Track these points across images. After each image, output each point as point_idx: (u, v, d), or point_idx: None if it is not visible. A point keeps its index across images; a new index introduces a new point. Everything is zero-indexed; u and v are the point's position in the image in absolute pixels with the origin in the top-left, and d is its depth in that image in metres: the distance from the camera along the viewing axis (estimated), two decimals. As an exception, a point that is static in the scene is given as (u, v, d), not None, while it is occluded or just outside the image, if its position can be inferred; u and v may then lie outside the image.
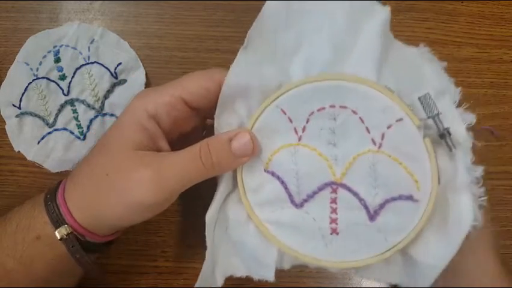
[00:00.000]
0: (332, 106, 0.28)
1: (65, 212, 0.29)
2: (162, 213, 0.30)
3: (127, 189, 0.28)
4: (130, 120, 0.29)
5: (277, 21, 0.28)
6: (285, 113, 0.29)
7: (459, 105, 0.30)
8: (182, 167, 0.28)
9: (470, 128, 0.29)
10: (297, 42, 0.29)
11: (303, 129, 0.29)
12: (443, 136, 0.28)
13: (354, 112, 0.28)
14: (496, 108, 0.43)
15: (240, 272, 0.32)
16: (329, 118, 0.29)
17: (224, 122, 0.30)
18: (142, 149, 0.29)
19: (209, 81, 0.29)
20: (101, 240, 0.31)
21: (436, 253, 0.28)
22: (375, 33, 0.28)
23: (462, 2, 0.44)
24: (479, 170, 0.28)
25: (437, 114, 0.28)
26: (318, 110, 0.29)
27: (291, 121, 0.29)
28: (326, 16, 0.28)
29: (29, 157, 0.41)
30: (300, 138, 0.29)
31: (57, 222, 0.29)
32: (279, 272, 0.32)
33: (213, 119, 0.30)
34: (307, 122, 0.29)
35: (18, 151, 0.41)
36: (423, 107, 0.28)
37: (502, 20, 0.44)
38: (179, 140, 0.32)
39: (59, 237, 0.29)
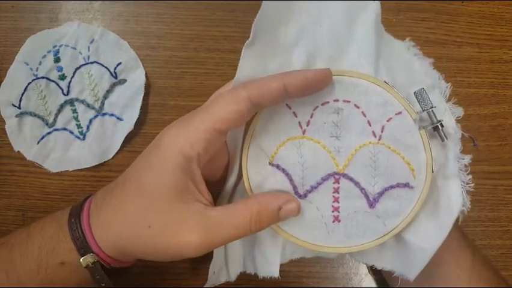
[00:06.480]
0: (336, 100, 0.30)
1: (91, 242, 0.29)
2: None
3: (171, 248, 0.27)
4: (167, 164, 0.27)
5: (278, 14, 0.29)
6: (289, 108, 0.30)
7: (448, 99, 0.32)
8: (231, 232, 0.27)
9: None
10: (298, 34, 0.30)
11: (307, 123, 0.30)
12: (437, 128, 0.30)
13: (357, 106, 0.30)
14: (496, 108, 0.43)
15: (249, 269, 0.34)
16: (333, 112, 0.30)
17: None
18: (185, 196, 0.27)
19: (238, 103, 0.27)
20: (124, 266, 0.31)
21: (429, 236, 0.30)
22: (370, 28, 0.30)
23: (462, 2, 0.44)
24: (467, 158, 0.31)
25: (431, 108, 0.30)
26: (322, 104, 0.30)
27: (295, 116, 0.30)
28: (325, 11, 0.30)
29: (29, 157, 0.41)
30: (304, 132, 0.30)
31: (83, 249, 0.29)
32: (280, 273, 0.32)
33: None
34: (311, 116, 0.30)
35: (18, 151, 0.41)
36: (419, 101, 0.30)
37: (502, 20, 0.44)
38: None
39: (84, 265, 0.29)
